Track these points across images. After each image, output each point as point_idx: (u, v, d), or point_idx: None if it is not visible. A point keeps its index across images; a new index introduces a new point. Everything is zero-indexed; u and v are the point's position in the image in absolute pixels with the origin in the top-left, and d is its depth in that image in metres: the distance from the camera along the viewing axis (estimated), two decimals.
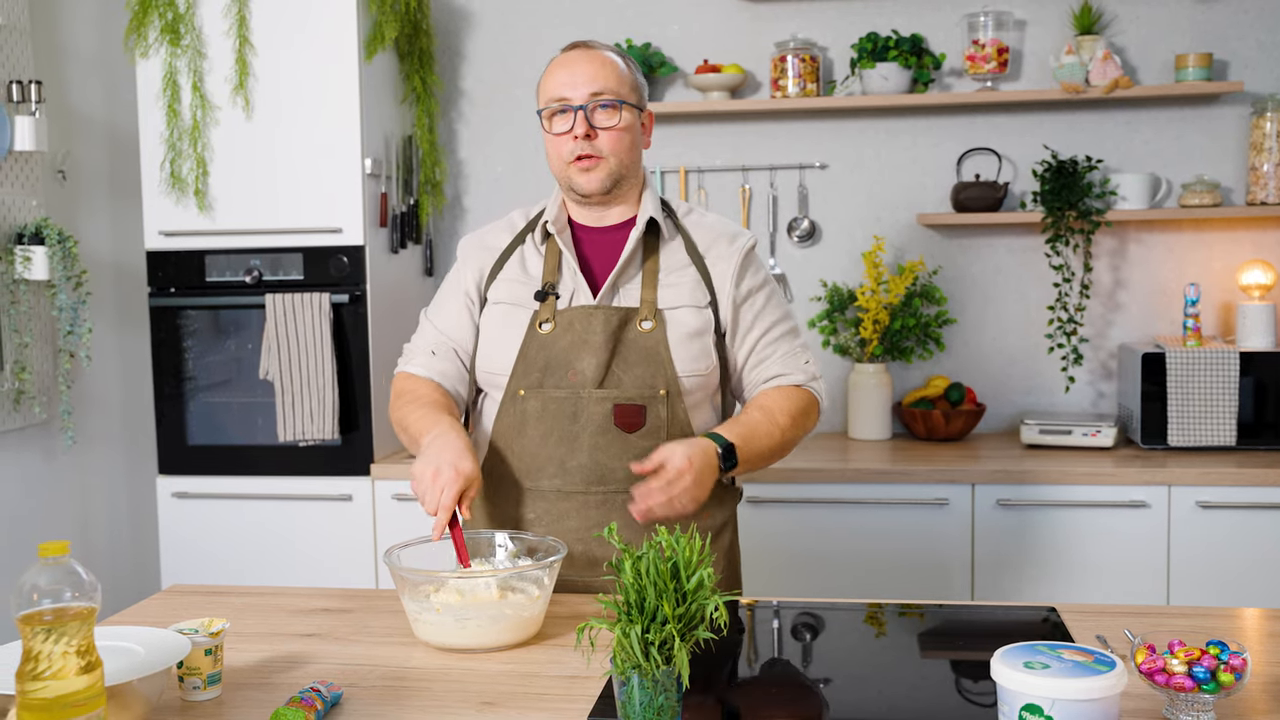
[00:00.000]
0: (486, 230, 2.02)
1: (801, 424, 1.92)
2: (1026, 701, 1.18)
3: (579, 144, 1.83)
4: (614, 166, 1.86)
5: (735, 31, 3.50)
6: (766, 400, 1.90)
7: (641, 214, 1.90)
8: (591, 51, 1.87)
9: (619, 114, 1.84)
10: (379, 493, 3.13)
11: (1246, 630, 1.67)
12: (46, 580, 1.17)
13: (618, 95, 1.84)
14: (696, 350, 1.86)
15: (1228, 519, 2.85)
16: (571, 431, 1.83)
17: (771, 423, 1.86)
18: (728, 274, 1.91)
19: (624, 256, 1.87)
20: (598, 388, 1.83)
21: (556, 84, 1.85)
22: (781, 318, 1.97)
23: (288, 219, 3.13)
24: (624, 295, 1.88)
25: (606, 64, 1.86)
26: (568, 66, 1.86)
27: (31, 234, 3.00)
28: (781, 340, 1.96)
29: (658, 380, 1.84)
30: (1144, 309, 3.41)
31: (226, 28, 3.10)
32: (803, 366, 1.96)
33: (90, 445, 3.36)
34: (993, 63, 3.29)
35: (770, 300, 1.96)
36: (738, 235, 1.96)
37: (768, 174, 3.52)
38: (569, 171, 1.86)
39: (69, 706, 1.15)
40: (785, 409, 1.89)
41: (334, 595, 1.89)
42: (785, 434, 1.88)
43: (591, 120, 1.83)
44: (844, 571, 2.96)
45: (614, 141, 1.85)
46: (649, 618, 1.25)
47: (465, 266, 1.98)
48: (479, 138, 3.65)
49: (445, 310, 1.99)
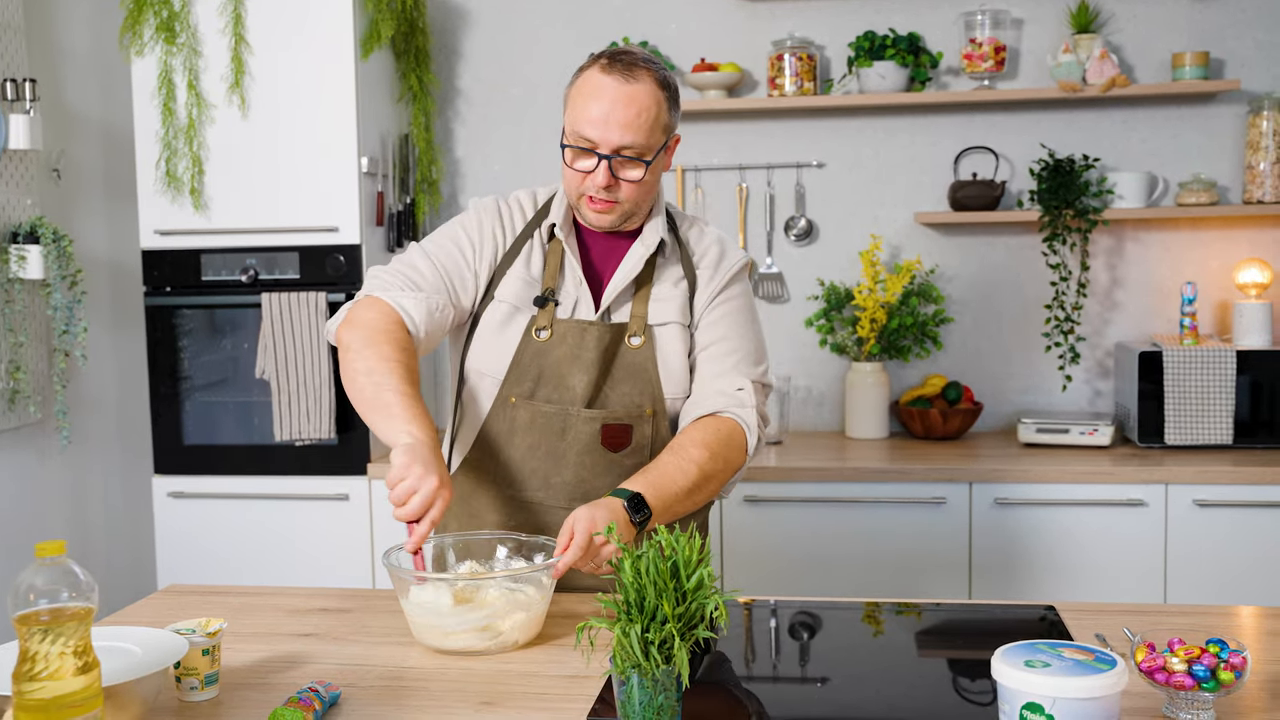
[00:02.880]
0: (502, 208, 1.90)
1: (723, 454, 1.78)
2: (1027, 700, 1.18)
3: (598, 189, 1.76)
4: (628, 210, 1.80)
5: (732, 30, 3.50)
6: (678, 439, 1.80)
7: (650, 232, 1.85)
8: (629, 89, 1.72)
9: (643, 168, 1.76)
10: (376, 492, 3.13)
11: (1245, 628, 1.67)
12: (43, 580, 1.17)
13: (645, 151, 1.74)
14: (682, 369, 1.85)
15: (1224, 517, 2.85)
16: (559, 448, 1.82)
17: (684, 459, 1.75)
18: (706, 295, 1.87)
19: (625, 274, 1.83)
20: (587, 406, 1.81)
21: (586, 119, 1.73)
22: (725, 336, 1.86)
23: (284, 218, 3.12)
24: (620, 310, 1.85)
25: (643, 111, 1.73)
26: (602, 103, 1.72)
27: (26, 233, 2.99)
28: (716, 359, 1.85)
29: (644, 400, 1.83)
30: (1141, 307, 3.41)
31: (222, 26, 3.09)
32: (728, 391, 1.83)
33: (86, 445, 3.35)
34: (990, 61, 3.29)
35: (726, 319, 1.87)
36: (725, 255, 1.91)
37: (765, 173, 3.51)
38: (580, 203, 1.81)
39: (66, 707, 1.15)
40: (698, 441, 1.77)
41: (331, 595, 1.88)
42: (703, 468, 1.75)
43: (615, 172, 1.75)
44: (841, 570, 2.96)
45: (633, 191, 1.78)
46: (649, 617, 1.25)
47: (485, 236, 1.87)
48: (476, 136, 3.64)
49: (455, 262, 1.85)
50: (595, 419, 1.81)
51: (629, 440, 1.83)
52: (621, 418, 1.82)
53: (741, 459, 1.83)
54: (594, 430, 1.81)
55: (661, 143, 1.78)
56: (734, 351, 1.86)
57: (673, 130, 1.81)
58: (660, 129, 1.76)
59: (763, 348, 1.92)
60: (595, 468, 1.82)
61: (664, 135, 1.78)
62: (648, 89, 1.74)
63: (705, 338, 1.86)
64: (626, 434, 1.82)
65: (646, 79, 1.74)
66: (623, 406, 1.82)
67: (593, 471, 1.82)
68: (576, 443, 1.82)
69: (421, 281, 1.83)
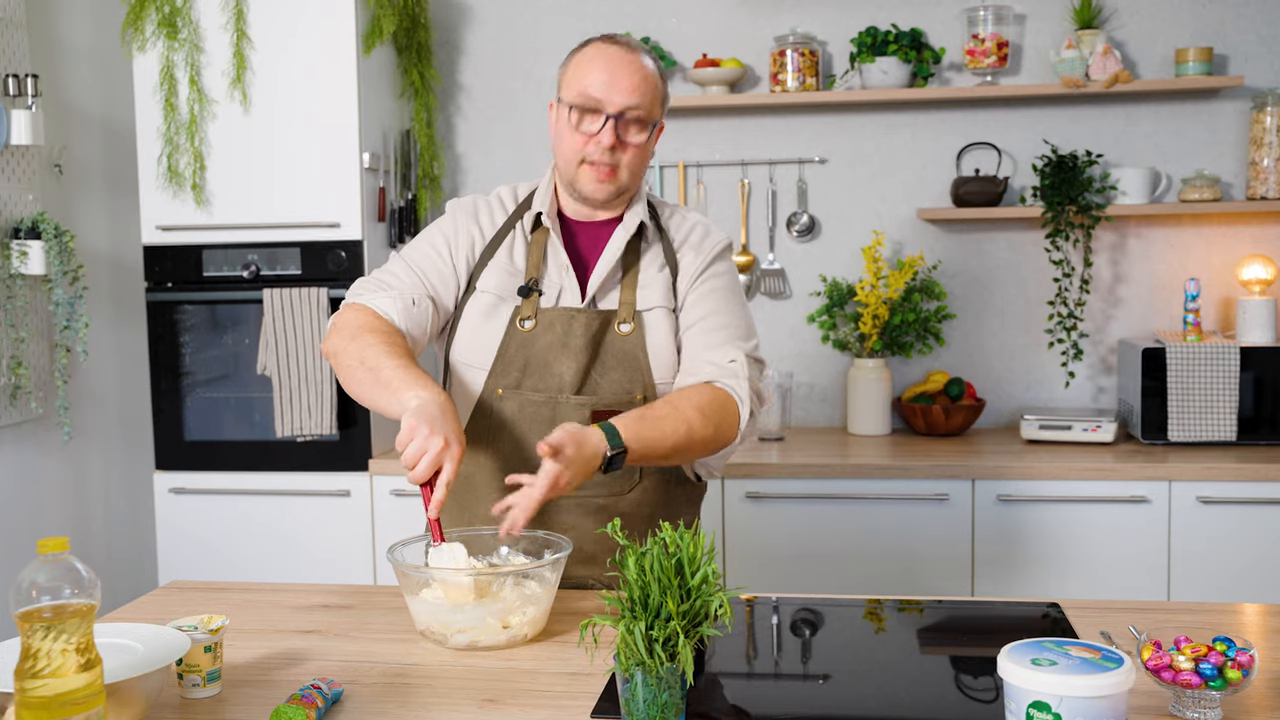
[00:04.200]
0: (480, 204, 1.93)
1: (715, 420, 1.75)
2: (1034, 698, 1.17)
3: (602, 152, 1.78)
4: (626, 181, 1.83)
5: (734, 25, 3.49)
6: (676, 394, 1.78)
7: (631, 216, 1.86)
8: (633, 57, 1.80)
9: (646, 132, 1.81)
10: (377, 488, 3.12)
11: (1250, 626, 1.66)
12: (46, 577, 1.16)
13: (650, 114, 1.80)
14: (670, 355, 1.85)
15: (1228, 514, 2.85)
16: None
17: (678, 418, 1.72)
18: (689, 274, 1.87)
19: (609, 259, 1.84)
20: (575, 394, 1.81)
21: (593, 82, 1.78)
22: (715, 310, 1.85)
23: (285, 213, 3.12)
24: (606, 297, 1.86)
25: (648, 77, 1.80)
26: (608, 67, 1.78)
27: (28, 229, 2.98)
28: (707, 333, 1.83)
29: (635, 385, 1.82)
30: (1144, 304, 3.41)
31: (224, 21, 3.08)
32: (720, 362, 1.81)
33: (87, 441, 3.34)
34: (992, 57, 3.29)
35: (714, 294, 1.86)
36: (708, 235, 1.91)
37: (767, 169, 3.51)
38: (579, 171, 1.82)
39: (68, 704, 1.14)
40: (695, 403, 1.75)
41: (334, 591, 1.88)
42: (694, 430, 1.72)
43: (621, 134, 1.79)
44: (844, 567, 2.95)
45: (634, 157, 1.81)
46: (653, 614, 1.25)
47: (460, 233, 1.89)
48: (477, 132, 3.64)
49: (432, 263, 1.87)
50: (584, 405, 1.81)
51: None
52: (611, 404, 1.81)
53: (734, 432, 1.80)
54: (583, 417, 1.81)
55: (660, 115, 1.85)
56: (723, 326, 1.85)
57: (665, 108, 1.88)
58: (659, 101, 1.84)
59: (751, 326, 1.90)
60: None
61: (661, 109, 1.85)
62: (649, 61, 1.83)
63: (692, 314, 1.85)
64: None
65: (646, 55, 1.84)
66: (612, 393, 1.82)
67: None
68: None
69: (395, 282, 1.86)
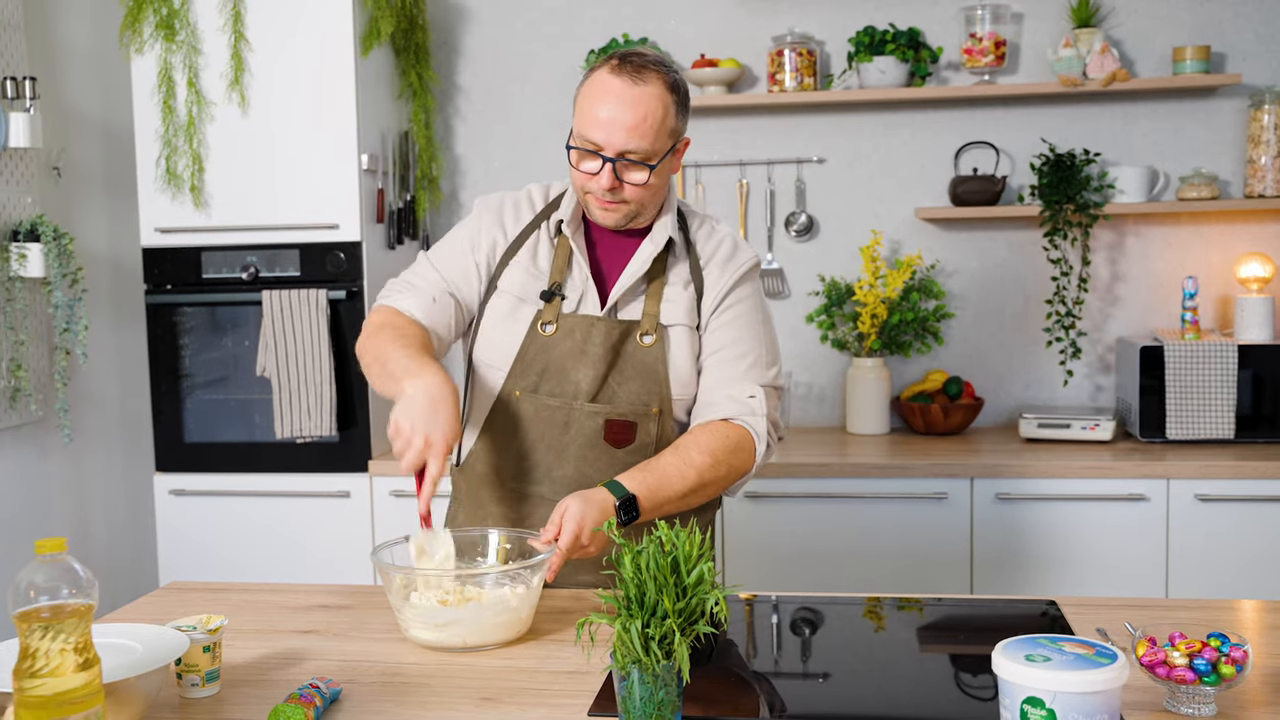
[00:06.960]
0: (506, 203, 1.92)
1: (727, 461, 1.78)
2: (1028, 694, 1.18)
3: (603, 191, 1.76)
4: (634, 210, 1.80)
5: (732, 26, 3.50)
6: (684, 439, 1.80)
7: (659, 230, 1.84)
8: (637, 92, 1.71)
9: (647, 171, 1.75)
10: (377, 489, 3.13)
11: (1246, 622, 1.66)
12: (44, 577, 1.17)
13: (650, 155, 1.74)
14: (689, 372, 1.84)
15: (1226, 512, 2.85)
16: (561, 442, 1.83)
17: (686, 463, 1.75)
18: (714, 295, 1.86)
19: (633, 273, 1.83)
20: (591, 401, 1.81)
21: (593, 122, 1.72)
22: (737, 339, 1.85)
23: (284, 215, 3.12)
24: (628, 307, 1.84)
25: (649, 115, 1.72)
26: (609, 106, 1.72)
27: (27, 231, 2.99)
28: (728, 363, 1.83)
29: (651, 397, 1.82)
30: (1142, 302, 3.41)
31: (222, 23, 3.09)
32: (740, 398, 1.82)
33: (87, 443, 3.35)
34: (990, 56, 3.29)
35: (737, 321, 1.85)
36: (736, 253, 1.89)
37: (765, 168, 3.51)
38: (587, 199, 1.80)
39: (66, 704, 1.15)
40: (704, 446, 1.77)
41: (332, 592, 1.88)
42: (703, 474, 1.75)
43: (620, 175, 1.75)
44: (843, 566, 2.96)
45: (638, 192, 1.77)
46: (649, 612, 1.25)
47: (482, 234, 1.89)
48: (476, 133, 3.64)
49: (454, 262, 1.88)
50: (598, 414, 1.81)
51: (633, 437, 1.82)
52: (626, 414, 1.81)
53: (748, 466, 1.82)
54: (597, 425, 1.81)
55: (668, 147, 1.77)
56: (744, 355, 1.85)
57: (681, 134, 1.80)
58: (667, 133, 1.75)
59: (775, 349, 1.91)
60: (597, 463, 1.82)
61: (670, 140, 1.77)
62: (655, 92, 1.73)
63: (715, 341, 1.85)
64: (630, 431, 1.82)
65: (655, 82, 1.73)
66: (629, 403, 1.82)
67: (594, 467, 1.82)
68: (579, 437, 1.82)
69: (418, 281, 1.89)
